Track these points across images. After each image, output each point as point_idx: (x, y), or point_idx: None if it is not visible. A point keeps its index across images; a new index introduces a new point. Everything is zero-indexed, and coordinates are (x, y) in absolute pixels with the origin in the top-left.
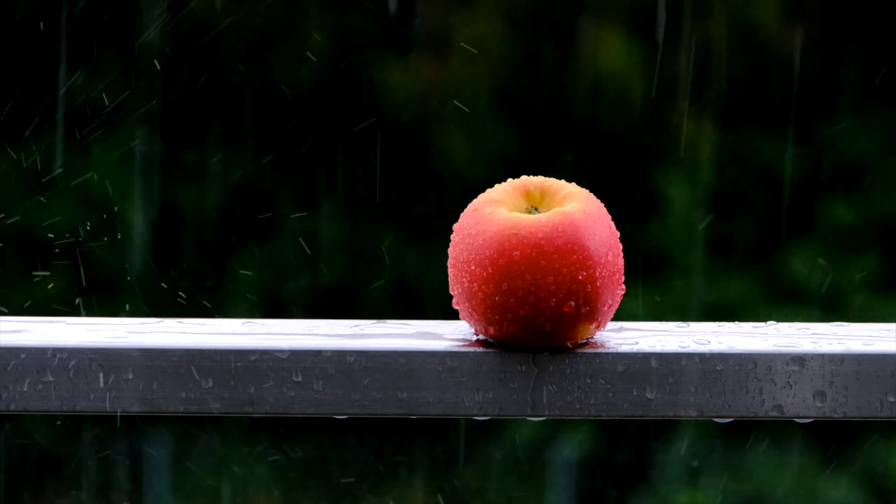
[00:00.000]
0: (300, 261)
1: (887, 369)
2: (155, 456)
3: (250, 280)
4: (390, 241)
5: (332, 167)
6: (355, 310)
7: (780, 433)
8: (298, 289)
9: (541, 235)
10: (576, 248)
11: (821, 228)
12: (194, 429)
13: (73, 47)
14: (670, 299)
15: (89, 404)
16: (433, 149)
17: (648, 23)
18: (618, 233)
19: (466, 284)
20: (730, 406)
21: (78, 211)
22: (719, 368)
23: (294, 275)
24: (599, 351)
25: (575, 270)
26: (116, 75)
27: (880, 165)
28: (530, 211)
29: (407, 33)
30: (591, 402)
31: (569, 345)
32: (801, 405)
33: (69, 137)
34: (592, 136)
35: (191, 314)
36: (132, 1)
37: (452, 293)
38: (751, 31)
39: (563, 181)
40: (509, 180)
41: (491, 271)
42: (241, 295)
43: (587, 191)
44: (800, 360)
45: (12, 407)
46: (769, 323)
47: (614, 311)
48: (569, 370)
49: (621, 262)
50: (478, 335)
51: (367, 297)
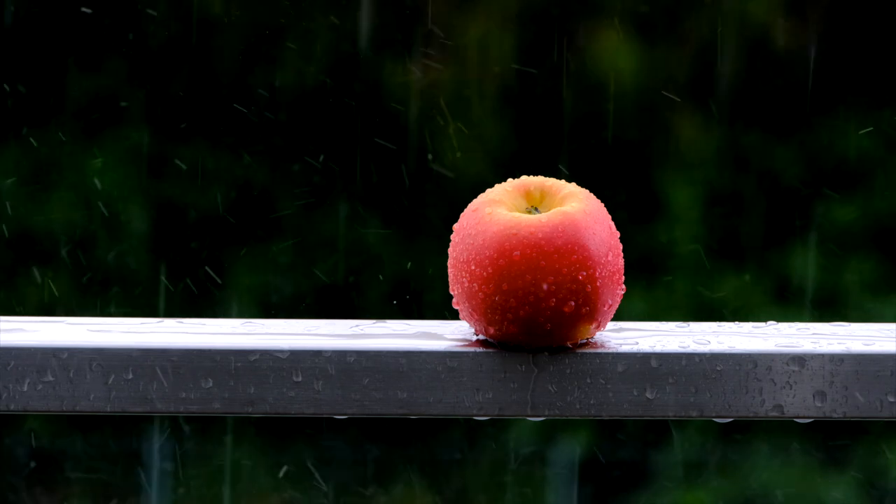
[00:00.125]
0: (300, 261)
1: (887, 369)
2: (155, 456)
3: (250, 280)
4: (390, 240)
5: (332, 167)
6: (355, 310)
7: (780, 433)
8: (298, 289)
9: (541, 235)
10: (576, 248)
11: (820, 229)
12: (194, 429)
13: (73, 47)
14: (670, 299)
15: (89, 404)
16: (433, 149)
17: (649, 23)
18: (618, 233)
19: (466, 284)
20: (730, 406)
21: (78, 210)
22: (719, 368)
23: (294, 275)
24: (599, 351)
25: (575, 270)
26: (117, 75)
27: (880, 166)
28: (530, 211)
29: (407, 34)
30: (591, 402)
31: (569, 345)
32: (801, 405)
33: (69, 137)
34: (592, 136)
35: (191, 314)
36: (133, 1)
37: (452, 293)
38: (751, 31)
39: (563, 181)
40: (509, 180)
41: (491, 271)
42: (241, 295)
43: (587, 191)
44: (800, 360)
45: (12, 407)
46: (769, 323)
47: (614, 311)
48: (569, 370)
49: (621, 262)
50: (478, 335)
51: (366, 298)
